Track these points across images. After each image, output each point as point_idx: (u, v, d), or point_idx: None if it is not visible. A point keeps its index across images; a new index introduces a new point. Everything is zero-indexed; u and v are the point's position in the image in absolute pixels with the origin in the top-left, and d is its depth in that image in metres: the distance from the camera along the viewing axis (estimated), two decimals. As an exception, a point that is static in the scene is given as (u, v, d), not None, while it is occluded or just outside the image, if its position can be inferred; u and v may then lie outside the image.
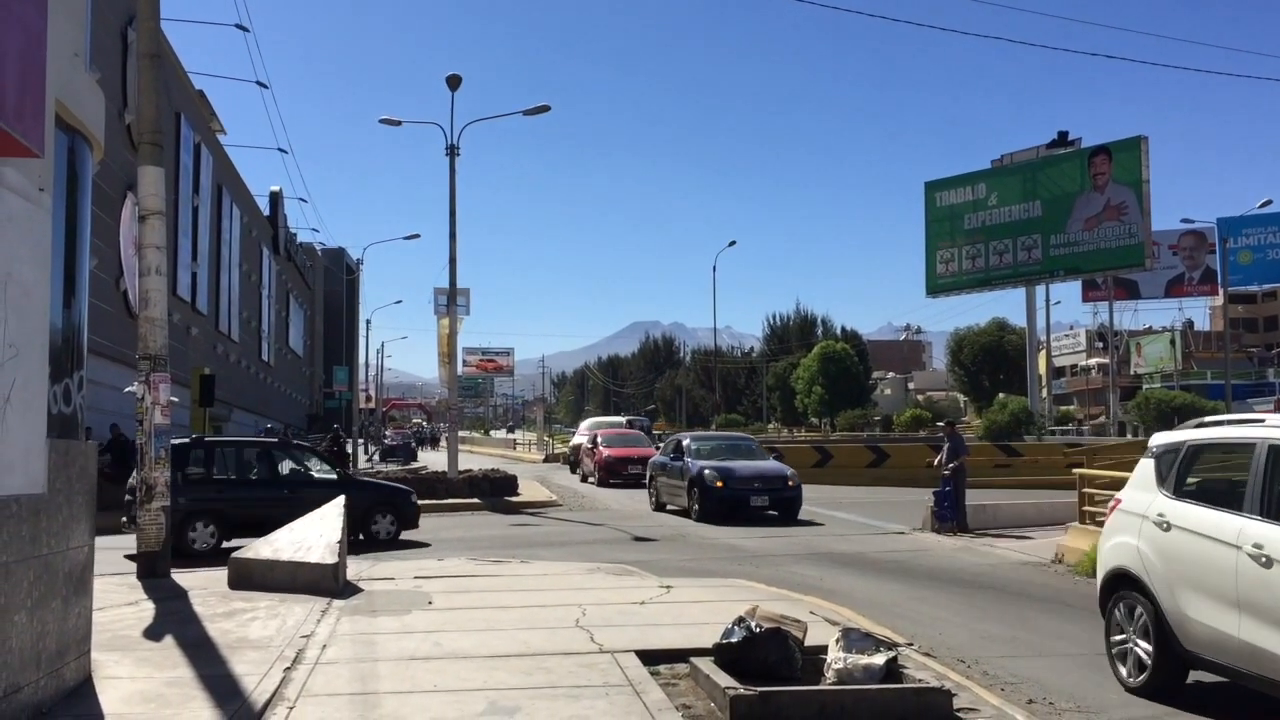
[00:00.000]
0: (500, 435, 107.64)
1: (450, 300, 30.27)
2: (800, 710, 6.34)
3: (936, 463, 19.10)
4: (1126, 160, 43.02)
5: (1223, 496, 6.97)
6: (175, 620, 9.29)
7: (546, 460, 54.58)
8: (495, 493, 25.30)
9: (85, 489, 6.98)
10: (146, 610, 9.82)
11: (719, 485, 20.02)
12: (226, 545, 15.48)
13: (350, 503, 15.92)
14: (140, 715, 6.32)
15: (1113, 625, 7.73)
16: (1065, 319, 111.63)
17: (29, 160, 5.87)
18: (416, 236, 51.81)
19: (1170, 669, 7.10)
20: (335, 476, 17.77)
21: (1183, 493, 7.33)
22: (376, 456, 55.22)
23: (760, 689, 6.41)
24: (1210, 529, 6.77)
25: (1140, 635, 7.31)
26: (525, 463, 52.98)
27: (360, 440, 52.74)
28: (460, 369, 43.97)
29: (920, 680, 6.87)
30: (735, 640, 7.12)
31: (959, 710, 6.59)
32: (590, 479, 33.17)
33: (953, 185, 50.27)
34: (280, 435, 33.91)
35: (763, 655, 7.02)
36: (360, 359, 72.94)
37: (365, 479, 20.40)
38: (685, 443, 22.50)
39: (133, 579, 11.63)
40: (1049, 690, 7.47)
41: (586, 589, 11.14)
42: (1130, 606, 7.46)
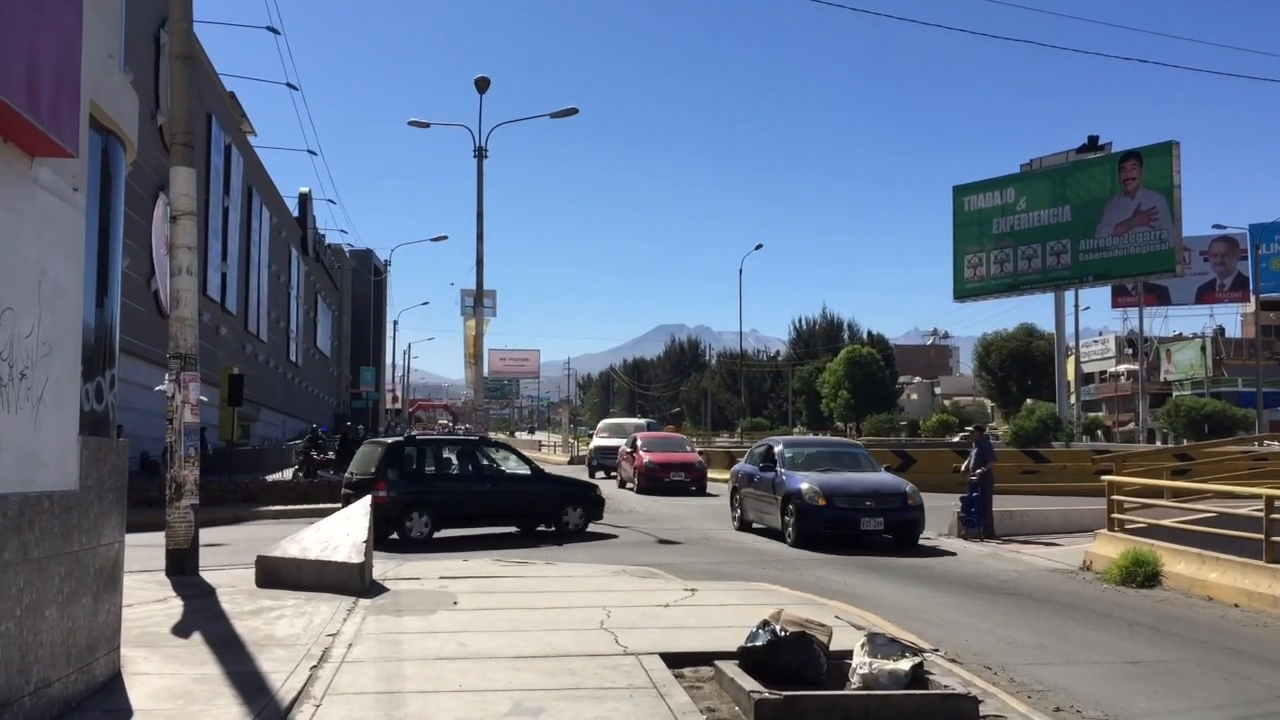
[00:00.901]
0: (524, 437, 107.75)
1: (477, 302, 30.40)
2: (825, 715, 6.32)
3: (964, 468, 18.97)
4: (1157, 165, 42.71)
5: None
6: (203, 617, 9.36)
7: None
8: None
9: (116, 486, 7.04)
10: (175, 607, 9.90)
11: (821, 504, 16.48)
12: (438, 535, 17.27)
13: (544, 496, 18.49)
14: (168, 711, 6.37)
15: None
16: (1094, 325, 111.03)
17: (64, 160, 5.94)
18: (444, 238, 52.02)
19: None
20: (530, 472, 18.99)
21: None
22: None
23: (785, 693, 6.40)
24: None
25: None
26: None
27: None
28: (486, 370, 44.14)
29: (946, 686, 6.83)
30: (760, 644, 7.11)
31: (985, 717, 6.55)
32: (629, 485, 31.13)
33: (981, 189, 50.04)
34: (311, 435, 33.90)
35: (787, 659, 7.00)
36: (387, 360, 73.38)
37: (557, 475, 21.20)
38: (778, 449, 18.93)
39: (161, 576, 11.73)
40: (1076, 698, 7.41)
41: (611, 591, 11.15)
42: None
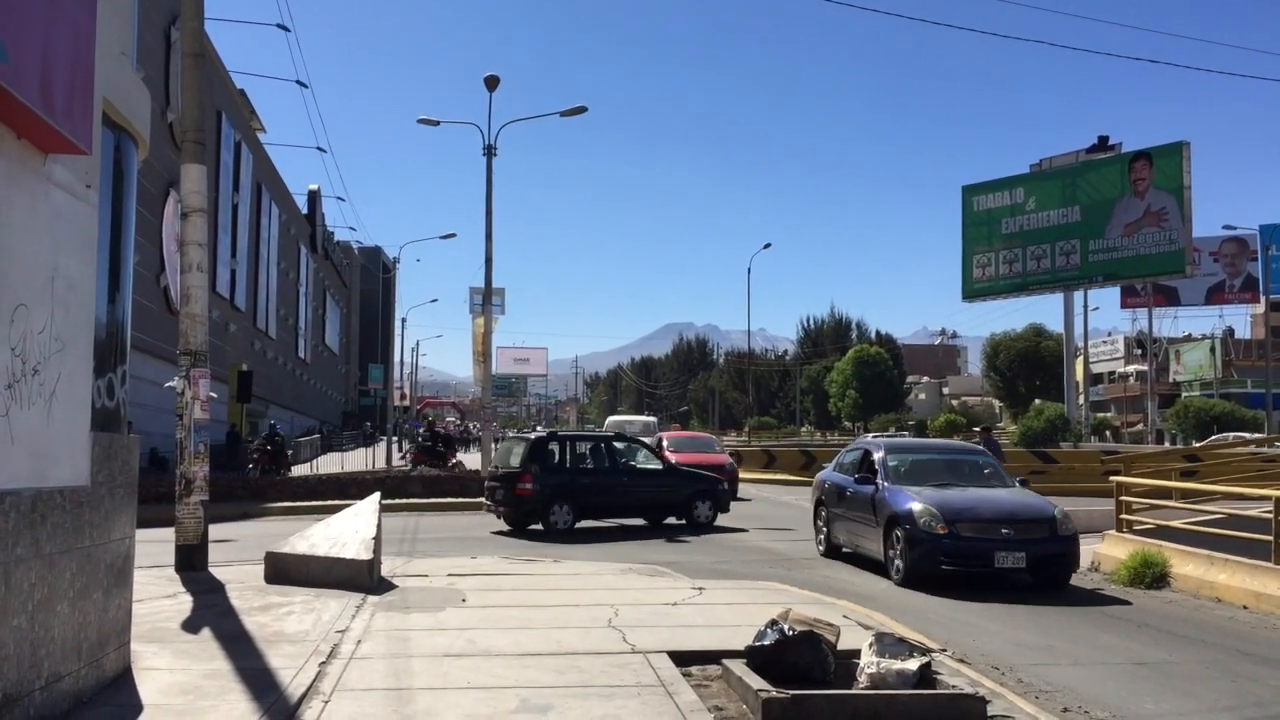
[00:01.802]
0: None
1: (485, 300, 30.43)
2: (832, 714, 6.32)
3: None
4: (1168, 166, 42.60)
5: None
6: (213, 613, 9.39)
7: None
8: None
9: (127, 482, 7.07)
10: (185, 603, 9.93)
11: (939, 532, 12.52)
12: (579, 525, 18.49)
13: (675, 490, 19.62)
14: (178, 706, 6.40)
15: None
16: (1103, 325, 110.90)
17: (77, 157, 5.97)
18: (453, 236, 52.04)
19: None
20: (661, 466, 20.11)
21: None
22: (409, 454, 55.42)
23: (793, 692, 6.40)
24: None
25: None
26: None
27: (395, 438, 52.96)
28: (495, 368, 44.14)
29: (954, 686, 6.83)
30: (768, 643, 7.12)
31: (993, 717, 6.54)
32: None
33: (990, 189, 49.96)
34: (270, 433, 33.68)
35: (795, 658, 7.01)
36: (395, 357, 73.42)
37: (687, 469, 21.60)
38: (877, 456, 14.67)
39: (171, 572, 11.76)
40: (1084, 699, 7.41)
41: (619, 589, 11.16)
42: None
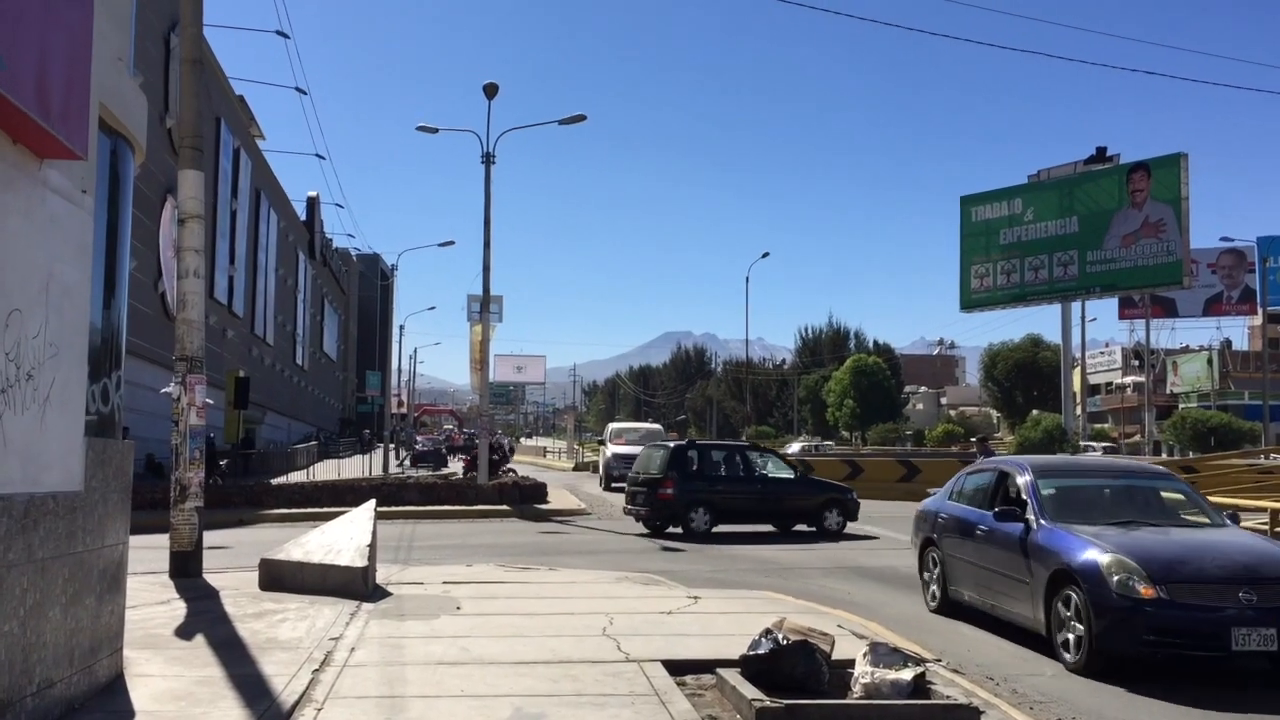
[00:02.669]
0: (528, 443, 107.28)
1: (483, 307, 30.40)
2: (826, 724, 6.31)
3: (968, 479, 18.86)
4: (1165, 177, 42.64)
5: None
6: (206, 620, 9.37)
7: (576, 469, 54.64)
8: (525, 500, 25.35)
9: (121, 487, 7.06)
10: (178, 609, 9.91)
11: (1145, 594, 8.32)
12: (716, 530, 19.27)
13: (806, 498, 20.08)
14: (170, 713, 6.38)
15: None
16: (1101, 336, 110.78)
17: (72, 163, 5.97)
18: (451, 244, 52.11)
19: None
20: (793, 475, 20.61)
21: None
22: (407, 462, 55.47)
23: (787, 701, 6.39)
24: None
25: None
26: (555, 471, 53.07)
27: (391, 445, 52.94)
28: (492, 375, 44.08)
29: (948, 697, 6.82)
30: (762, 652, 7.10)
31: (987, 728, 6.54)
32: None
33: (988, 200, 50.00)
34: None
35: (790, 668, 6.99)
36: (393, 364, 73.44)
37: (817, 479, 22.06)
38: (1023, 480, 10.40)
39: (165, 578, 11.75)
40: (1079, 710, 7.39)
41: (614, 598, 11.15)
42: None
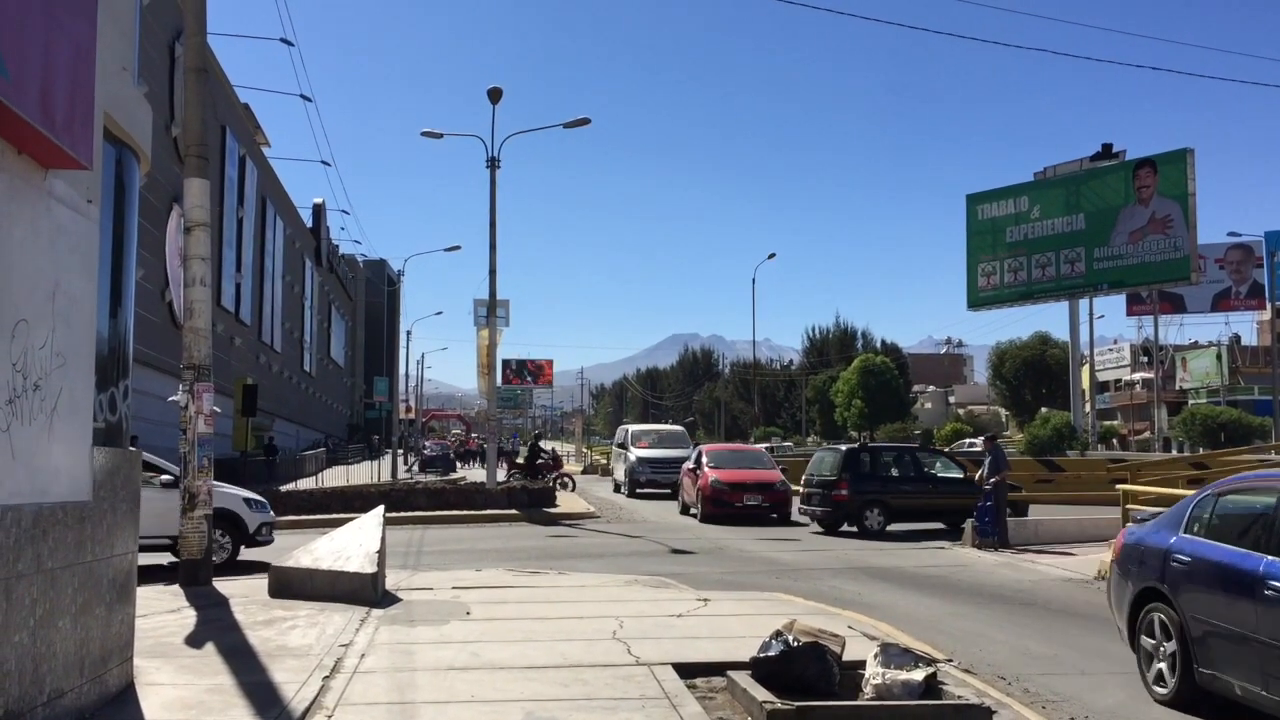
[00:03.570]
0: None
1: (490, 312, 30.43)
2: (838, 726, 6.30)
3: (978, 478, 18.92)
4: (1172, 173, 42.55)
5: None
6: (216, 628, 9.38)
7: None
8: (533, 504, 25.34)
9: (129, 497, 7.06)
10: (188, 617, 9.91)
11: None
12: (890, 529, 20.06)
13: (974, 496, 18.82)
14: (181, 721, 6.37)
15: None
16: (1109, 333, 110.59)
17: (77, 172, 5.97)
18: (457, 248, 52.10)
19: None
20: (962, 475, 20.70)
21: None
22: (415, 467, 55.55)
23: (798, 703, 6.37)
24: None
25: None
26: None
27: (400, 450, 52.99)
28: (499, 381, 44.11)
29: (960, 697, 6.80)
30: (773, 654, 7.08)
31: (999, 728, 6.51)
32: (692, 511, 25.00)
33: (994, 198, 49.93)
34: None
35: (800, 670, 6.98)
36: (400, 370, 73.48)
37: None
38: None
39: (175, 586, 11.76)
40: (1090, 709, 7.37)
41: (624, 601, 11.13)
42: None
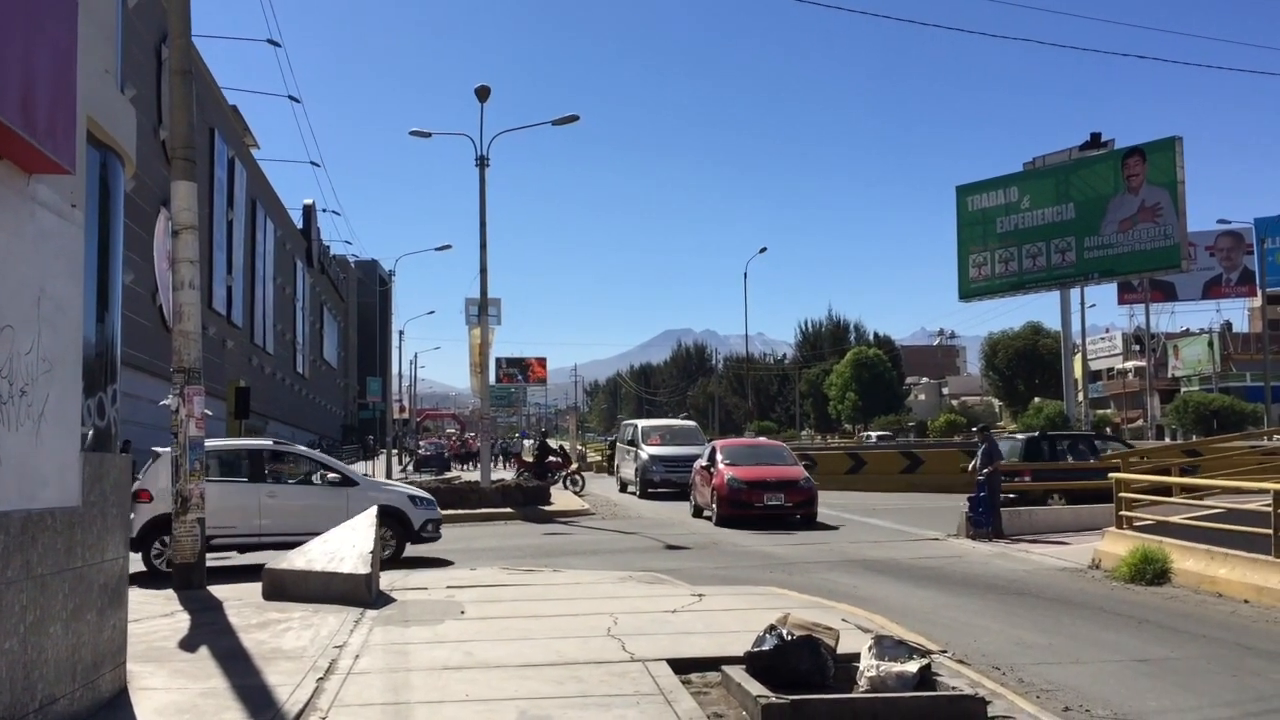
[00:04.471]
0: (529, 444, 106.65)
1: (481, 310, 30.37)
2: (833, 718, 6.29)
3: (971, 468, 18.93)
4: (1161, 161, 42.59)
5: None
6: (210, 631, 9.36)
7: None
8: (528, 502, 25.31)
9: (119, 502, 7.04)
10: (182, 621, 9.89)
11: None
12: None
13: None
14: (175, 726, 6.36)
15: None
16: (1101, 322, 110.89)
17: (61, 177, 5.95)
18: (448, 247, 52.01)
19: None
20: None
21: None
22: (410, 467, 55.46)
23: (792, 697, 6.37)
24: None
25: None
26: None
27: (394, 450, 52.91)
28: (493, 379, 44.06)
29: (954, 688, 6.80)
30: (767, 648, 7.09)
31: (994, 718, 6.52)
32: (705, 513, 22.82)
33: (984, 189, 49.93)
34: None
35: (795, 663, 6.98)
36: (394, 370, 73.39)
37: None
38: None
39: (169, 590, 11.73)
40: (1086, 698, 7.38)
41: (618, 598, 11.13)
42: None
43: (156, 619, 9.96)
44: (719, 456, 22.79)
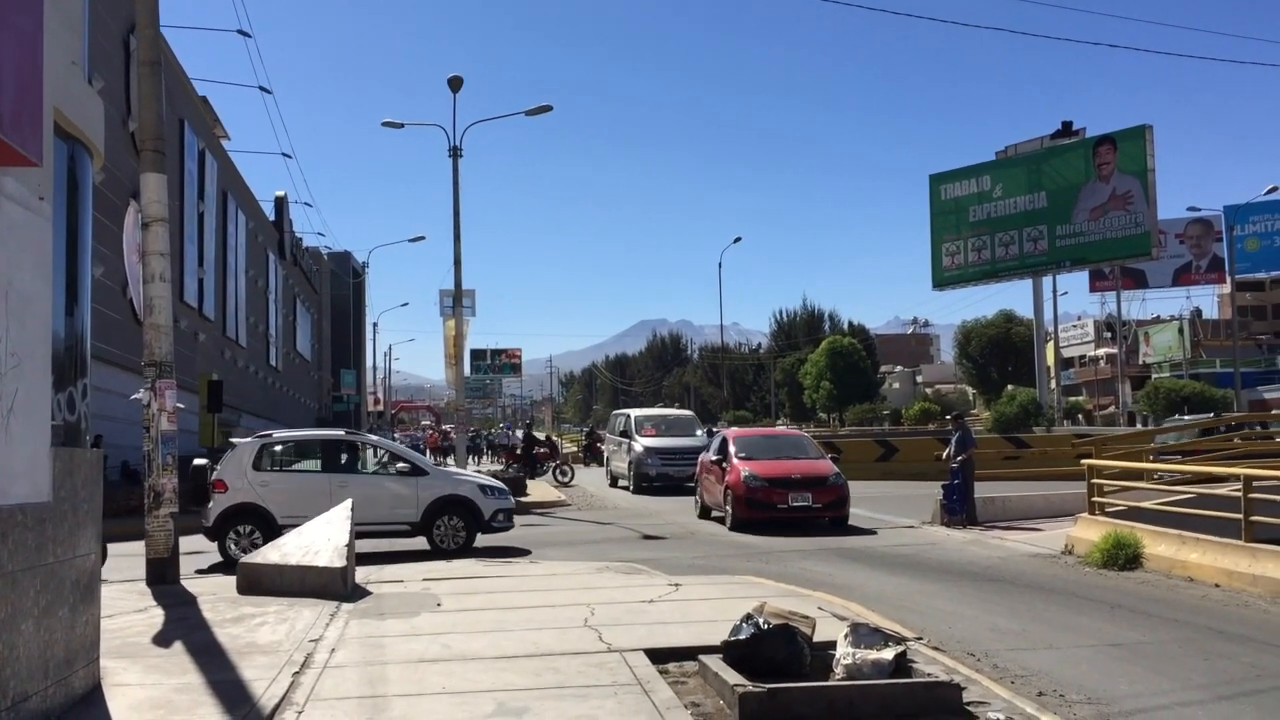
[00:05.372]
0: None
1: (456, 302, 30.27)
2: (809, 706, 6.32)
3: (945, 456, 19.03)
4: (1131, 149, 42.94)
5: None
6: (184, 626, 9.29)
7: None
8: (504, 493, 25.22)
9: (90, 497, 6.98)
10: (156, 617, 9.82)
11: None
12: None
13: None
14: (149, 722, 6.32)
15: None
16: (1073, 309, 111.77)
17: (28, 169, 5.87)
18: (422, 239, 51.88)
19: None
20: None
21: None
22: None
23: (769, 685, 6.39)
24: None
25: None
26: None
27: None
28: (468, 371, 43.89)
29: (930, 674, 6.85)
30: (743, 637, 7.10)
31: (969, 704, 6.56)
32: (717, 514, 20.08)
33: (957, 178, 50.20)
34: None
35: (771, 652, 7.00)
36: (368, 362, 73.09)
37: None
38: None
39: (142, 585, 11.63)
40: (1060, 682, 7.44)
41: (595, 588, 11.13)
42: None
43: (130, 614, 9.88)
44: (732, 449, 19.64)
